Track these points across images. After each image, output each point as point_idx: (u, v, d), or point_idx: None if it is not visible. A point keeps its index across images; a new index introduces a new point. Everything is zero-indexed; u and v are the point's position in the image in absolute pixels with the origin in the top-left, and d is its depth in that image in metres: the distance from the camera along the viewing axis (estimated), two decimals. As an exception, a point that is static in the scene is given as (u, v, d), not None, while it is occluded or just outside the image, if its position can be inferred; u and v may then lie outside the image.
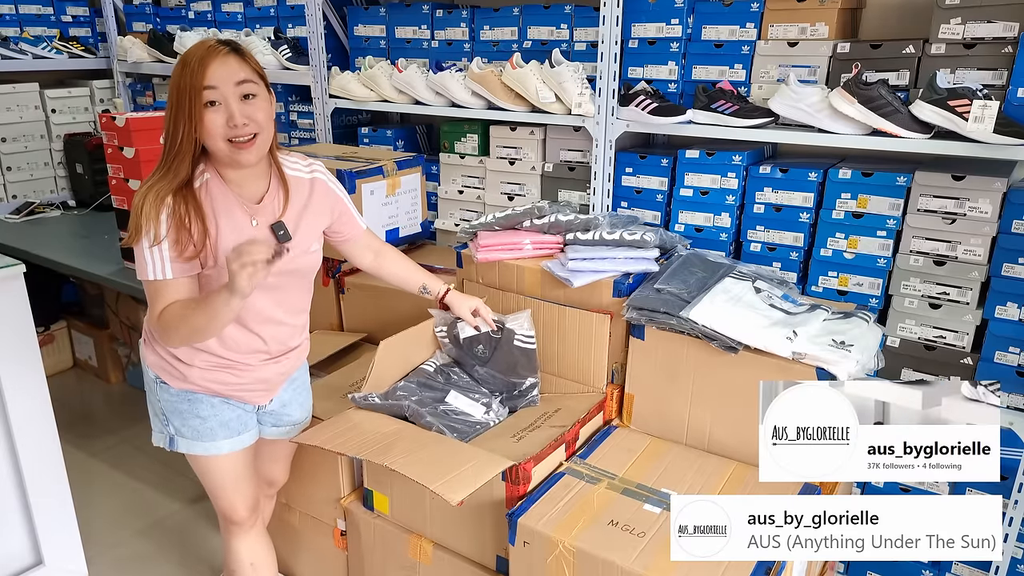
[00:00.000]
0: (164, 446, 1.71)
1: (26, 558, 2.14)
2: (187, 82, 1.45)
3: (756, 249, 2.20)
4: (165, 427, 1.69)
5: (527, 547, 1.55)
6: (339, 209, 1.76)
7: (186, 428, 1.67)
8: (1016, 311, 1.84)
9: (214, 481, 1.75)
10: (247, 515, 1.80)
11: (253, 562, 1.85)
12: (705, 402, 1.82)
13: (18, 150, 3.69)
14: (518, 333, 1.95)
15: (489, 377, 1.97)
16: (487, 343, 1.97)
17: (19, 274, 1.98)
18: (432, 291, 1.96)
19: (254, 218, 1.58)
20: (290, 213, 1.62)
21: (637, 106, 2.21)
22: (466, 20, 2.69)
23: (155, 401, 1.69)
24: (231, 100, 1.47)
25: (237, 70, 1.48)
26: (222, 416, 1.67)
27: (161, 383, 1.65)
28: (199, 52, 1.47)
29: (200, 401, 1.65)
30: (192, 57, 1.47)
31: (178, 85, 1.47)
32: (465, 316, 1.96)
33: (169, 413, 1.67)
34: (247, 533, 1.82)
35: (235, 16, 3.44)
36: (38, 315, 2.07)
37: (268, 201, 1.60)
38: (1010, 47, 1.80)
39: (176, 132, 1.48)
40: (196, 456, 1.70)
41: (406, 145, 3.02)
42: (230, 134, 1.48)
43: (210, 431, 1.67)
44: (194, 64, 1.45)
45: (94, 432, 3.22)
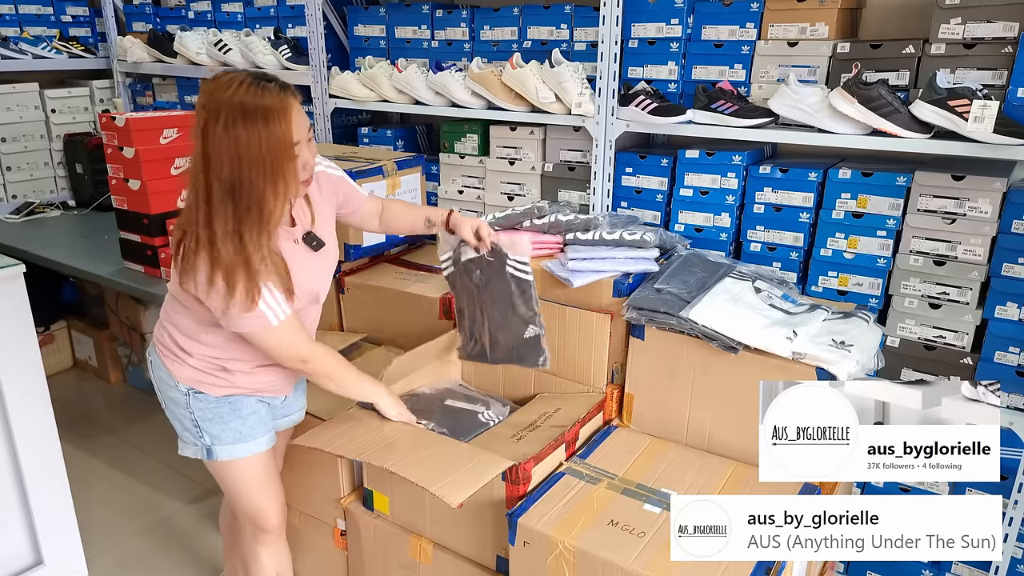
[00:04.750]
0: (201, 457, 1.68)
1: (26, 558, 2.14)
2: (277, 138, 1.37)
3: (756, 249, 2.20)
4: (199, 438, 1.66)
5: (527, 547, 1.55)
6: (342, 188, 1.78)
7: (227, 433, 1.65)
8: (1016, 311, 1.84)
9: (249, 484, 1.72)
10: (278, 521, 1.79)
11: (279, 571, 1.84)
12: (705, 402, 1.82)
13: (18, 150, 3.68)
14: (511, 258, 1.86)
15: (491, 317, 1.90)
16: (484, 268, 1.90)
17: (19, 274, 1.97)
18: (436, 220, 1.92)
19: (295, 238, 1.61)
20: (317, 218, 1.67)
21: (637, 106, 2.21)
22: (466, 20, 2.69)
23: (185, 414, 1.65)
24: (305, 147, 1.46)
25: (306, 117, 1.47)
26: (260, 413, 1.70)
27: (197, 394, 1.63)
28: (275, 102, 1.38)
29: (241, 402, 1.66)
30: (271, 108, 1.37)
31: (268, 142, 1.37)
32: (467, 236, 1.88)
33: (205, 422, 1.64)
34: (275, 543, 1.81)
35: (235, 16, 3.43)
36: (38, 315, 2.07)
37: (297, 217, 1.63)
38: (1010, 47, 1.80)
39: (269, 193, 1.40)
40: (234, 461, 1.68)
41: (406, 145, 3.02)
42: (304, 178, 1.49)
43: (251, 429, 1.67)
44: (278, 117, 1.37)
45: (94, 432, 3.22)
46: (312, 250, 1.64)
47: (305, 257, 1.63)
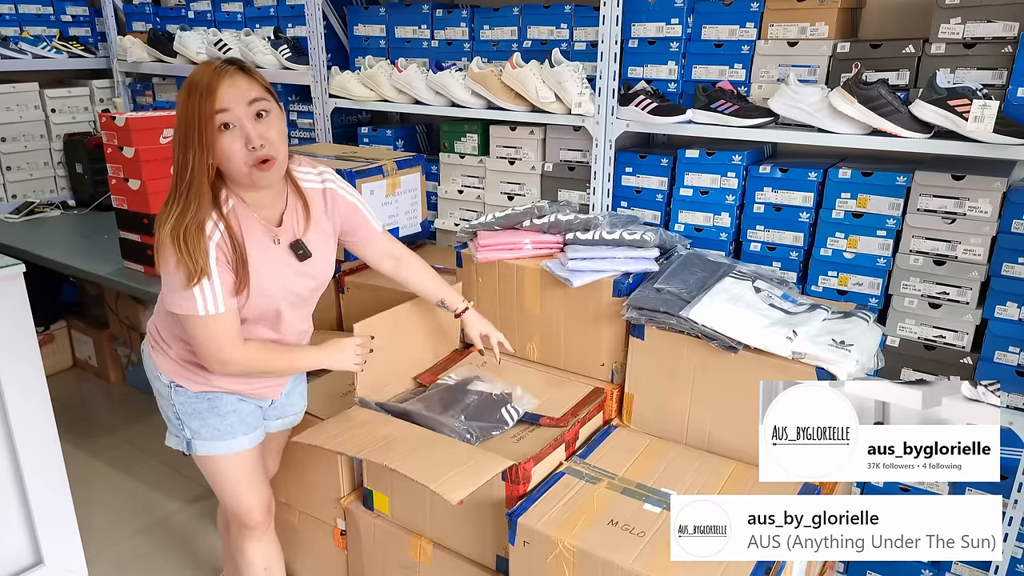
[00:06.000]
0: (181, 449, 1.70)
1: (26, 558, 2.14)
2: (196, 107, 1.40)
3: (756, 249, 2.20)
4: (180, 431, 1.68)
5: (527, 547, 1.55)
6: (352, 215, 1.74)
7: (205, 429, 1.66)
8: (1016, 311, 1.84)
9: (230, 481, 1.72)
10: (262, 518, 1.79)
11: (267, 567, 1.84)
12: (705, 402, 1.82)
13: (18, 150, 3.68)
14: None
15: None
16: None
17: (19, 274, 1.97)
18: (450, 307, 1.92)
19: (276, 238, 1.58)
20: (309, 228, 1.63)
21: (637, 106, 2.20)
22: (466, 20, 2.69)
23: (169, 406, 1.67)
24: (245, 121, 1.44)
25: (247, 89, 1.45)
26: (241, 412, 1.68)
27: (177, 387, 1.64)
28: (205, 75, 1.42)
29: (220, 399, 1.65)
30: (199, 81, 1.42)
31: (186, 111, 1.41)
32: (474, 338, 1.92)
33: (185, 416, 1.66)
34: (261, 538, 1.81)
35: (235, 16, 3.43)
36: (38, 315, 2.07)
37: (287, 219, 1.60)
38: (1010, 47, 1.80)
39: (187, 161, 1.43)
40: (213, 457, 1.68)
41: (406, 145, 3.02)
42: (249, 157, 1.46)
43: (230, 427, 1.66)
44: (202, 88, 1.40)
45: (94, 432, 3.22)
46: (296, 258, 1.60)
47: (281, 261, 1.58)
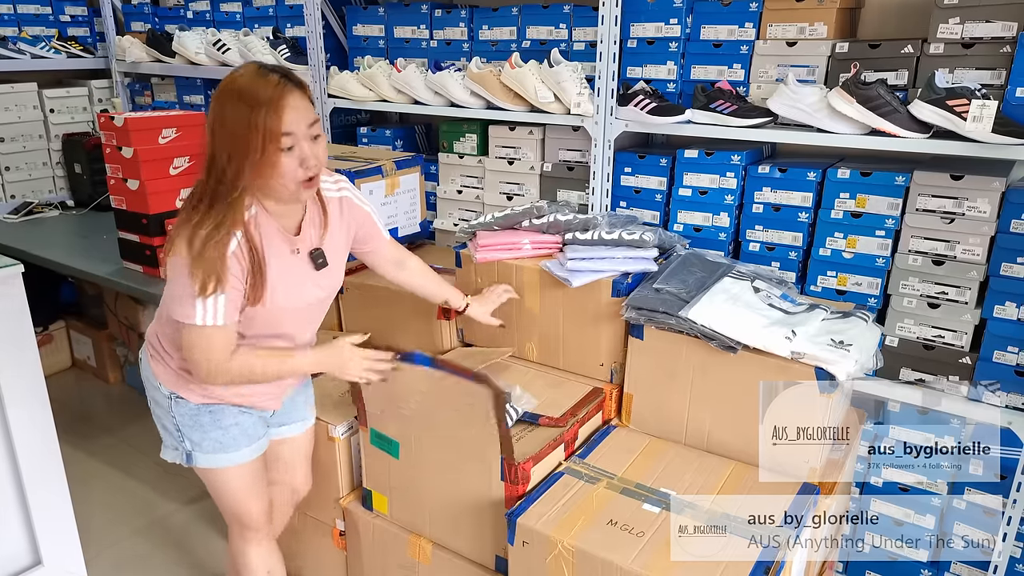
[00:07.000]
0: (180, 462, 1.68)
1: (25, 558, 2.14)
2: (260, 122, 1.37)
3: (755, 249, 2.20)
4: (180, 443, 1.66)
5: (526, 547, 1.55)
6: (366, 224, 1.75)
7: (207, 441, 1.64)
8: (1015, 310, 1.84)
9: (233, 491, 1.71)
10: (264, 522, 1.78)
11: (270, 570, 1.84)
12: (704, 402, 1.82)
13: (16, 150, 3.68)
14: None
15: None
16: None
17: (17, 274, 1.97)
18: (454, 306, 1.99)
19: (296, 248, 1.57)
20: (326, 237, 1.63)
21: (636, 106, 2.20)
22: (465, 20, 2.69)
23: (168, 417, 1.65)
24: (304, 143, 1.44)
25: (307, 111, 1.45)
26: (243, 424, 1.67)
27: (178, 399, 1.62)
28: (267, 89, 1.38)
29: (222, 411, 1.64)
30: (258, 94, 1.38)
31: (243, 123, 1.37)
32: (488, 321, 2.00)
33: (186, 428, 1.64)
34: (261, 542, 1.80)
35: (233, 16, 3.43)
36: (37, 315, 2.06)
37: (305, 228, 1.59)
38: (1008, 47, 1.80)
39: (236, 170, 1.40)
40: (215, 469, 1.67)
41: (405, 145, 3.02)
42: (302, 176, 1.45)
43: (232, 440, 1.65)
44: (265, 103, 1.37)
45: (93, 432, 3.21)
46: (314, 267, 1.60)
47: (300, 270, 1.58)
